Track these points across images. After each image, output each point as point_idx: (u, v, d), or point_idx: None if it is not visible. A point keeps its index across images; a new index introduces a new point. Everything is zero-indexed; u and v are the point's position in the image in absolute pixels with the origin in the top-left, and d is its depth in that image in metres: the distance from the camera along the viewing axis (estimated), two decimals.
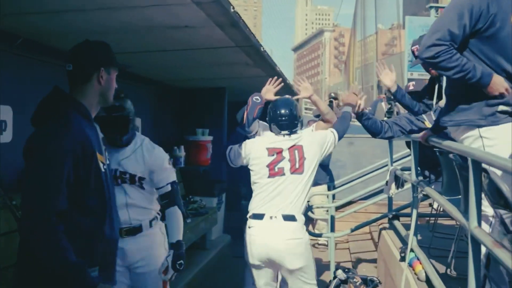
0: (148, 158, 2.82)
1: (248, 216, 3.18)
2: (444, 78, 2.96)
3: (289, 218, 3.03)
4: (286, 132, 3.17)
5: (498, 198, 2.00)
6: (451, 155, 2.80)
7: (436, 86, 3.39)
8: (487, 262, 2.13)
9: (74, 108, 1.93)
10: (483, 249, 2.09)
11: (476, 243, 1.97)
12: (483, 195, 2.08)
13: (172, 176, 2.90)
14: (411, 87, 4.18)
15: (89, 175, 1.89)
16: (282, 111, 3.19)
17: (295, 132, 3.21)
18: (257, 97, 3.34)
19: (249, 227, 3.13)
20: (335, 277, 4.49)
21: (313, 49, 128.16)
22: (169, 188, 2.84)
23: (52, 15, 2.89)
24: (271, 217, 3.03)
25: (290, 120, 3.18)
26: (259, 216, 3.07)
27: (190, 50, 4.09)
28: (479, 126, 2.35)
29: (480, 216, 2.00)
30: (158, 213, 2.94)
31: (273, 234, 3.02)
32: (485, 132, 2.34)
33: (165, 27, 3.20)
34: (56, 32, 3.26)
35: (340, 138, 3.29)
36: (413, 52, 3.36)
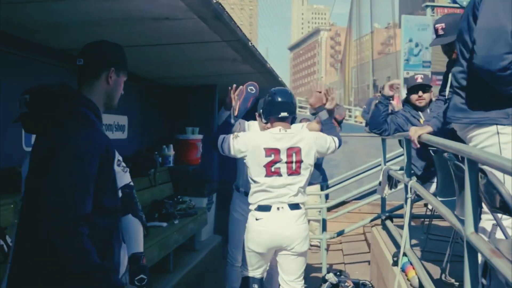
0: None
1: (252, 208, 3.21)
2: None
3: (295, 207, 3.14)
4: (285, 114, 3.19)
5: (496, 201, 1.84)
6: (445, 154, 2.64)
7: (450, 75, 3.06)
8: (484, 271, 1.97)
9: (89, 108, 1.88)
10: (480, 256, 1.94)
11: (473, 251, 1.81)
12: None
13: (123, 180, 2.52)
14: (419, 80, 3.96)
15: (109, 177, 1.87)
16: (281, 97, 3.23)
17: (291, 117, 3.24)
18: (252, 87, 3.30)
19: (256, 219, 3.16)
20: (325, 280, 4.34)
21: (309, 48, 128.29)
22: (119, 194, 2.53)
23: (25, 5, 2.73)
24: (278, 208, 3.12)
25: (289, 104, 3.23)
26: (266, 208, 3.13)
27: (175, 45, 3.95)
28: (499, 124, 2.19)
29: (477, 221, 1.84)
30: None
31: (283, 222, 3.13)
32: (503, 129, 2.18)
33: (145, 18, 3.06)
34: (28, 24, 3.09)
35: (339, 145, 3.32)
36: (436, 30, 3.05)
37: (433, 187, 3.66)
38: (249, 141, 3.18)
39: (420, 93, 3.90)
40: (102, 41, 2.02)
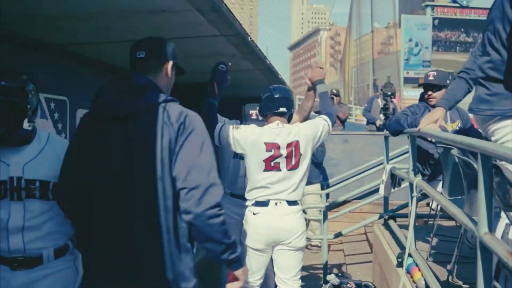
0: (63, 155, 2.11)
1: (249, 203, 3.20)
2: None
3: (292, 203, 3.15)
4: (284, 109, 3.21)
5: (510, 199, 1.74)
6: (453, 151, 2.54)
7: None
8: (496, 273, 1.86)
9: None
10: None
11: (487, 252, 1.70)
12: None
13: None
14: (430, 78, 3.73)
15: None
16: (279, 93, 3.27)
17: (289, 114, 3.26)
18: (222, 65, 3.27)
19: (253, 214, 3.15)
20: (327, 282, 4.24)
21: (309, 47, 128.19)
22: None
23: None
24: (276, 203, 3.12)
25: (287, 100, 3.27)
26: (264, 203, 3.13)
27: (172, 40, 3.81)
28: None
29: (491, 220, 1.73)
30: (72, 239, 2.24)
31: (280, 217, 3.13)
32: None
33: (140, 11, 2.95)
34: (18, 17, 2.98)
35: (333, 124, 3.30)
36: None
37: (439, 185, 3.55)
38: (250, 135, 3.16)
39: (430, 92, 3.73)
40: (156, 36, 2.10)
